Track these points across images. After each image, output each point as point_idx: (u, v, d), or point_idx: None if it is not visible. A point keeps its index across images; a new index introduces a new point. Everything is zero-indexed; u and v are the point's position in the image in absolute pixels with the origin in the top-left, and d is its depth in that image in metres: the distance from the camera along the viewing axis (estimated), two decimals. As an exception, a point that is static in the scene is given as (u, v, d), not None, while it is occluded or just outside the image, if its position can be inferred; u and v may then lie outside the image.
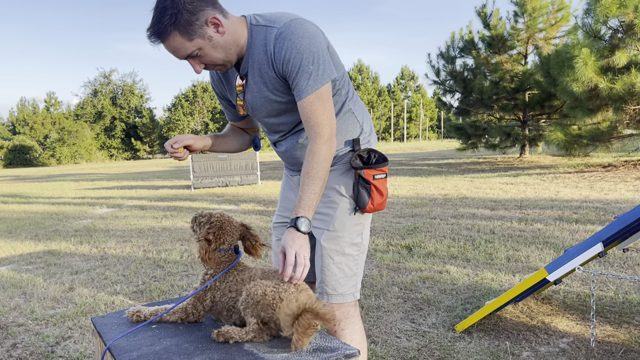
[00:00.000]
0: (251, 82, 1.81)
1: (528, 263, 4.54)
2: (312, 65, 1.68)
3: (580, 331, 3.06)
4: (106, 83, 60.08)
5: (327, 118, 1.73)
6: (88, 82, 66.10)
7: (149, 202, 10.95)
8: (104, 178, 21.27)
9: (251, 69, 1.78)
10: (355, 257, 1.94)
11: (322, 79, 1.70)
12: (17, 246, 6.69)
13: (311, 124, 1.72)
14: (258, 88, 1.80)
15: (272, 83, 1.77)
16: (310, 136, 1.74)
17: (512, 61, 16.24)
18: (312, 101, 1.71)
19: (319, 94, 1.71)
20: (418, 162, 18.79)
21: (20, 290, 4.55)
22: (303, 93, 1.70)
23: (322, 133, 1.72)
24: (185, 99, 54.07)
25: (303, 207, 1.67)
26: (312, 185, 1.69)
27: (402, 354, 2.88)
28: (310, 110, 1.71)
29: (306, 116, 1.73)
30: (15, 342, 3.37)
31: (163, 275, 4.80)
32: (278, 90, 1.78)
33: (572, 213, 6.75)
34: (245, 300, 1.56)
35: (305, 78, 1.68)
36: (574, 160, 14.36)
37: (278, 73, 1.73)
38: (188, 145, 1.92)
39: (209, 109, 54.23)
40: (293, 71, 1.68)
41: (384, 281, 4.24)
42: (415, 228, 6.34)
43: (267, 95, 1.80)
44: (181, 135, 1.91)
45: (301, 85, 1.70)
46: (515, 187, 9.81)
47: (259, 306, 1.52)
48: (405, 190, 10.39)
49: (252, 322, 1.52)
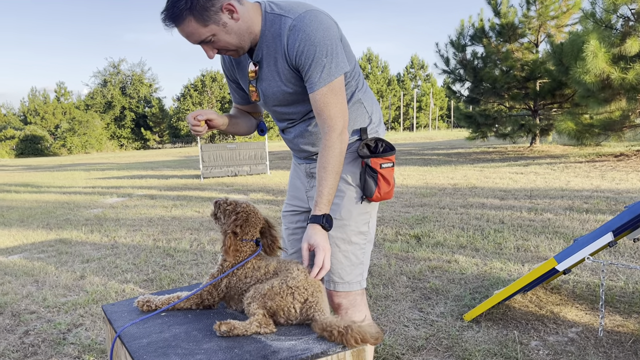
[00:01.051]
0: (265, 70, 1.80)
1: (537, 253, 4.52)
2: (325, 58, 1.67)
3: (589, 321, 3.05)
4: (115, 73, 60.29)
5: (340, 111, 1.73)
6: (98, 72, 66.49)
7: (159, 192, 11.02)
8: (114, 168, 21.41)
9: (265, 57, 1.77)
10: (361, 245, 1.94)
11: (335, 72, 1.70)
12: (29, 235, 6.76)
13: (324, 117, 1.73)
14: (272, 76, 1.80)
15: (284, 74, 1.77)
16: (323, 129, 1.74)
17: (523, 49, 16.06)
18: (325, 94, 1.70)
19: (331, 87, 1.70)
20: (427, 151, 18.71)
21: (33, 278, 4.61)
22: (316, 85, 1.70)
23: (335, 126, 1.72)
24: (194, 88, 54.12)
25: (325, 204, 1.73)
26: (330, 179, 1.73)
27: (410, 343, 2.89)
28: (323, 103, 1.71)
29: (319, 109, 1.73)
30: (28, 329, 3.42)
31: (173, 264, 4.84)
32: (290, 82, 1.78)
33: (583, 203, 6.70)
34: (252, 295, 1.57)
35: (319, 71, 1.68)
36: (585, 150, 14.23)
37: (291, 64, 1.73)
38: (209, 120, 1.92)
39: (217, 99, 54.27)
40: (306, 63, 1.68)
41: (392, 270, 4.25)
42: (424, 218, 6.33)
43: (279, 85, 1.80)
44: (204, 110, 1.91)
45: (314, 78, 1.69)
46: (525, 177, 9.75)
47: (266, 297, 1.53)
48: (414, 179, 10.36)
49: (259, 314, 1.52)
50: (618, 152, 12.86)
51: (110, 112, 57.55)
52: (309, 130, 1.91)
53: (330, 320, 1.46)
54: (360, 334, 1.38)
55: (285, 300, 1.52)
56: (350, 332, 1.38)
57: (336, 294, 1.94)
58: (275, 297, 1.52)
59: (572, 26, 15.37)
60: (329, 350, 1.39)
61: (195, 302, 1.74)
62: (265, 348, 1.42)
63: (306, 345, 1.42)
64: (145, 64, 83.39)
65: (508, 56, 15.58)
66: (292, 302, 1.53)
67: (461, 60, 16.56)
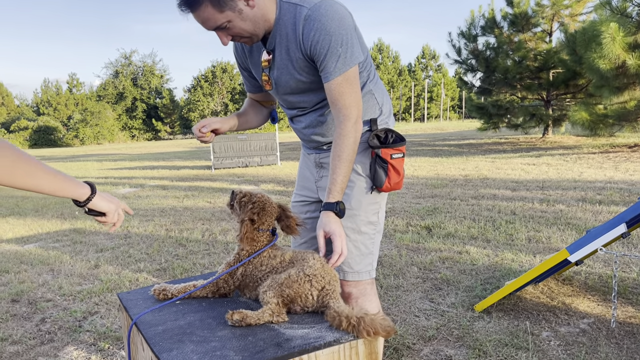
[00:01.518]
0: (278, 58, 1.81)
1: (549, 244, 4.51)
2: (340, 48, 1.68)
3: (601, 312, 3.05)
4: (127, 64, 60.49)
5: (355, 100, 1.74)
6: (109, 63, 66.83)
7: (171, 182, 11.09)
8: (126, 158, 21.56)
9: (279, 45, 1.78)
10: (371, 235, 1.96)
11: (350, 62, 1.71)
12: (44, 224, 6.86)
13: (339, 107, 1.74)
14: (285, 65, 1.80)
15: (298, 63, 1.77)
16: (338, 118, 1.75)
17: (536, 39, 15.87)
18: (340, 83, 1.71)
19: (346, 77, 1.71)
20: (438, 142, 18.63)
21: (48, 267, 4.68)
22: (331, 75, 1.71)
23: (350, 115, 1.74)
24: (204, 79, 54.18)
25: (339, 191, 1.75)
26: (344, 167, 1.75)
27: (420, 333, 2.90)
28: (338, 92, 1.72)
29: (334, 98, 1.74)
30: (44, 317, 3.48)
31: (185, 253, 4.89)
32: (304, 71, 1.78)
33: (596, 194, 6.65)
34: (268, 284, 1.59)
35: (334, 60, 1.69)
36: (598, 141, 14.08)
37: (305, 54, 1.73)
38: (215, 129, 1.96)
39: (228, 90, 54.30)
40: (322, 53, 1.68)
41: (403, 261, 4.26)
42: (435, 209, 6.32)
43: (293, 74, 1.81)
44: (208, 119, 1.94)
45: (329, 68, 1.70)
46: (537, 168, 9.68)
47: (283, 285, 1.55)
48: (425, 171, 10.33)
49: (273, 302, 1.54)
50: (632, 143, 12.71)
51: (121, 103, 57.84)
52: (319, 120, 1.92)
53: (344, 309, 1.47)
54: (373, 326, 1.40)
55: (303, 287, 1.54)
56: (363, 324, 1.40)
57: (346, 283, 1.95)
58: (292, 285, 1.54)
59: (586, 15, 15.16)
60: (341, 338, 1.41)
61: (211, 290, 1.76)
62: (279, 336, 1.44)
63: (319, 334, 1.44)
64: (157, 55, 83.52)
65: (521, 46, 15.40)
66: (309, 290, 1.55)
67: (473, 50, 16.41)
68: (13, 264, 4.84)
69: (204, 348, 1.39)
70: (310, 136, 1.98)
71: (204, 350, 1.38)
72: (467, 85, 17.87)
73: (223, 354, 1.34)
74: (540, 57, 15.18)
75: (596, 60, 10.43)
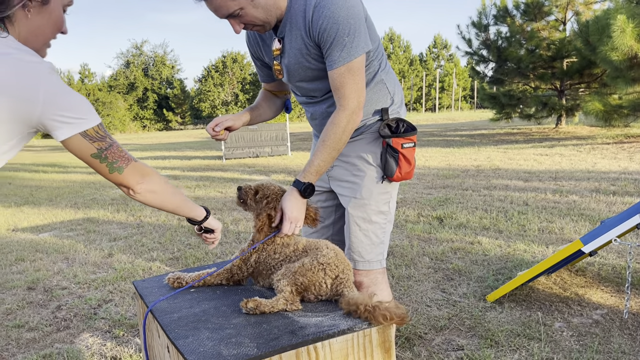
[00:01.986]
0: (288, 46, 1.81)
1: (562, 235, 4.48)
2: (347, 37, 1.67)
3: (615, 303, 3.03)
4: (138, 54, 60.62)
5: (356, 91, 1.74)
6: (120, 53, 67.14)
7: (182, 172, 11.15)
8: (138, 148, 21.69)
9: (289, 33, 1.78)
10: (382, 225, 1.96)
11: (356, 52, 1.70)
12: (58, 214, 6.94)
13: (339, 95, 1.75)
14: (294, 53, 1.80)
15: (307, 50, 1.77)
16: (337, 107, 1.77)
17: (550, 28, 15.65)
18: (343, 73, 1.71)
19: (350, 67, 1.71)
20: (450, 132, 18.52)
21: (63, 256, 4.74)
22: (335, 64, 1.71)
23: (347, 105, 1.74)
24: (215, 69, 54.20)
25: (313, 173, 1.77)
26: (326, 153, 1.76)
27: (432, 323, 2.91)
28: (340, 82, 1.73)
29: (335, 87, 1.75)
30: (60, 304, 3.53)
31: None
32: (313, 58, 1.78)
33: (610, 185, 6.58)
34: (282, 273, 1.60)
35: (339, 49, 1.68)
36: (613, 131, 13.91)
37: (314, 41, 1.73)
38: (228, 127, 1.97)
39: (238, 80, 54.28)
40: (328, 41, 1.68)
41: (414, 251, 4.26)
42: (446, 199, 6.30)
43: (301, 61, 1.81)
44: (221, 117, 1.95)
45: (334, 56, 1.70)
46: (550, 159, 9.60)
47: (297, 273, 1.56)
48: (436, 161, 10.28)
49: (287, 291, 1.55)
50: (647, 134, 12.55)
51: (133, 93, 58.06)
52: (327, 112, 1.92)
53: (358, 297, 1.48)
54: (388, 312, 1.40)
55: (317, 275, 1.55)
56: (378, 310, 1.40)
57: (357, 272, 1.96)
58: (306, 274, 1.55)
59: (602, 3, 14.92)
60: (355, 326, 1.41)
61: (225, 276, 1.78)
62: (293, 324, 1.45)
63: (333, 322, 1.45)
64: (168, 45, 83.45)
65: (533, 35, 15.20)
66: (323, 278, 1.56)
67: (484, 40, 16.23)
68: (29, 253, 4.90)
69: (219, 335, 1.40)
70: (321, 125, 1.98)
71: (219, 337, 1.39)
72: (479, 75, 17.71)
73: (238, 341, 1.36)
74: (554, 46, 14.98)
75: (608, 52, 10.28)
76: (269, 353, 1.29)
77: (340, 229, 2.14)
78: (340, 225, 2.14)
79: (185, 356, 1.30)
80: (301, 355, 1.34)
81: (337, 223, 2.15)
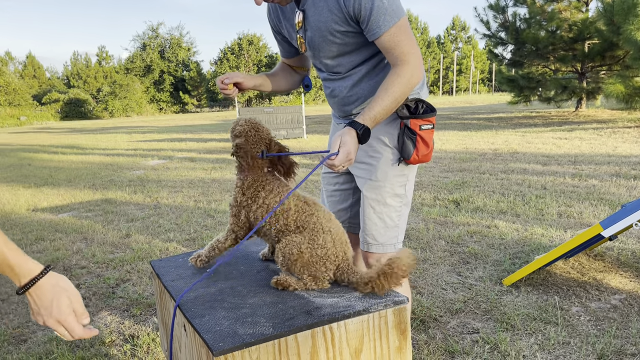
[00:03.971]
0: (311, 19, 1.77)
1: (581, 219, 4.42)
2: (386, 1, 1.62)
3: (634, 288, 2.99)
4: (154, 36, 60.74)
5: (413, 47, 1.69)
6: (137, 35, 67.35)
7: (198, 155, 11.21)
8: (155, 131, 21.83)
9: (312, 5, 1.74)
10: (397, 208, 1.93)
11: (399, 12, 1.66)
12: (76, 194, 7.03)
13: (396, 54, 1.68)
14: (318, 27, 1.76)
15: (333, 23, 1.72)
16: (396, 64, 1.69)
17: (572, 9, 15.27)
18: (394, 33, 1.66)
19: (399, 25, 1.66)
20: (467, 116, 18.30)
21: (82, 236, 4.81)
22: (381, 28, 1.65)
23: (409, 60, 1.68)
24: (231, 52, 54.12)
25: (371, 119, 1.69)
26: (388, 101, 1.69)
27: (448, 305, 2.90)
28: (394, 42, 1.67)
29: (389, 48, 1.68)
30: (79, 283, 3.59)
31: (214, 224, 4.96)
32: (338, 32, 1.74)
33: (631, 169, 6.46)
34: (283, 262, 1.58)
35: (382, 14, 1.63)
36: (634, 114, 13.62)
37: (345, 13, 1.67)
38: (238, 83, 1.92)
39: (254, 62, 54.18)
40: (366, 9, 1.63)
41: (430, 234, 4.24)
42: (463, 183, 6.25)
43: (325, 34, 1.76)
44: (232, 73, 1.91)
45: (378, 22, 1.64)
46: (569, 142, 9.45)
47: (298, 265, 1.55)
48: (453, 144, 10.18)
49: (306, 276, 1.56)
50: (670, 117, 12.27)
51: (149, 75, 58.31)
52: (349, 89, 1.88)
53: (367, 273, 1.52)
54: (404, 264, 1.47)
55: (319, 270, 1.56)
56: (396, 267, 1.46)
57: (370, 255, 1.95)
58: (309, 267, 1.55)
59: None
60: (371, 307, 1.41)
61: (231, 238, 1.73)
62: (309, 304, 1.45)
63: (348, 303, 1.44)
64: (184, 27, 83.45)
65: (554, 16, 14.84)
66: (325, 272, 1.56)
67: (503, 22, 15.90)
68: (48, 232, 4.98)
69: (235, 314, 1.41)
70: (342, 101, 1.94)
71: (235, 316, 1.40)
72: (497, 57, 17.39)
73: (254, 320, 1.37)
74: (576, 28, 14.63)
75: (633, 31, 10.02)
76: (284, 333, 1.30)
77: (358, 213, 2.12)
78: (357, 208, 2.12)
79: (202, 334, 1.31)
80: (317, 335, 1.34)
81: (354, 206, 2.13)
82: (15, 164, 11.54)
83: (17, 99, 50.91)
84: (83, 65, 60.17)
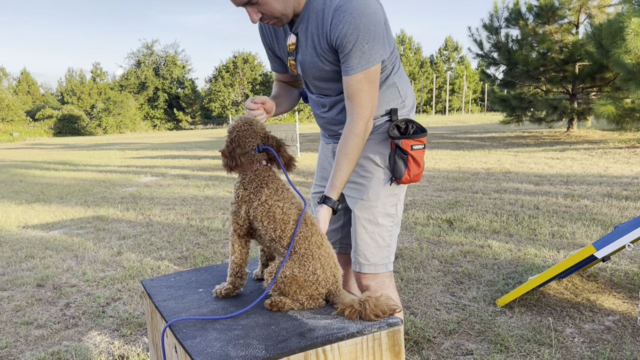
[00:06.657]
0: (303, 43, 1.78)
1: (574, 239, 4.43)
2: (366, 44, 1.64)
3: (627, 309, 2.99)
4: (149, 54, 60.99)
5: (371, 100, 1.73)
6: (132, 53, 67.57)
7: (192, 172, 11.18)
8: (148, 147, 21.79)
9: (305, 30, 1.75)
10: (388, 228, 1.93)
11: (374, 59, 1.68)
12: (68, 211, 6.97)
13: (354, 103, 1.73)
14: (309, 52, 1.78)
15: (322, 51, 1.75)
16: (351, 115, 1.74)
17: (562, 31, 15.53)
18: (360, 80, 1.69)
19: (367, 74, 1.69)
20: (460, 135, 18.43)
21: (72, 253, 4.76)
22: (352, 70, 1.68)
23: (363, 114, 1.73)
24: (225, 70, 54.37)
25: (339, 188, 1.78)
26: (351, 165, 1.76)
27: (441, 326, 2.88)
28: (356, 88, 1.70)
29: (350, 93, 1.72)
30: (69, 302, 3.54)
31: (206, 242, 4.92)
32: (327, 60, 1.76)
33: (622, 189, 6.51)
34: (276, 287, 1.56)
35: (358, 56, 1.66)
36: (625, 135, 13.77)
37: (330, 44, 1.70)
38: (263, 102, 1.85)
39: (249, 80, 54.42)
40: (347, 47, 1.65)
41: (424, 254, 4.23)
42: (456, 202, 6.26)
43: (315, 60, 1.78)
44: (257, 96, 1.90)
45: (352, 63, 1.67)
46: (561, 162, 9.52)
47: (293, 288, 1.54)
48: (446, 164, 10.23)
49: (302, 296, 1.55)
50: (660, 138, 12.41)
51: (143, 92, 58.42)
52: (337, 111, 1.89)
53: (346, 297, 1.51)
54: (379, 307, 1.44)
55: (312, 293, 1.55)
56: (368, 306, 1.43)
57: (363, 275, 1.94)
58: (303, 290, 1.54)
59: (615, 6, 14.77)
60: (364, 329, 1.40)
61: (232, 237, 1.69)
62: (302, 326, 1.43)
63: (342, 324, 1.43)
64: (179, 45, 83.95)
65: (545, 38, 15.09)
66: (318, 295, 1.55)
67: (495, 43, 16.13)
68: (38, 250, 4.93)
69: (227, 336, 1.39)
70: (330, 123, 1.95)
71: (227, 338, 1.38)
72: (490, 77, 17.61)
73: (246, 342, 1.35)
74: (566, 50, 14.86)
75: (621, 54, 10.19)
76: (277, 355, 1.28)
77: (349, 233, 2.11)
78: (349, 228, 2.11)
79: (193, 357, 1.29)
80: (310, 358, 1.32)
81: (345, 227, 2.12)
82: (6, 180, 11.46)
83: (11, 115, 50.77)
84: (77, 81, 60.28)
